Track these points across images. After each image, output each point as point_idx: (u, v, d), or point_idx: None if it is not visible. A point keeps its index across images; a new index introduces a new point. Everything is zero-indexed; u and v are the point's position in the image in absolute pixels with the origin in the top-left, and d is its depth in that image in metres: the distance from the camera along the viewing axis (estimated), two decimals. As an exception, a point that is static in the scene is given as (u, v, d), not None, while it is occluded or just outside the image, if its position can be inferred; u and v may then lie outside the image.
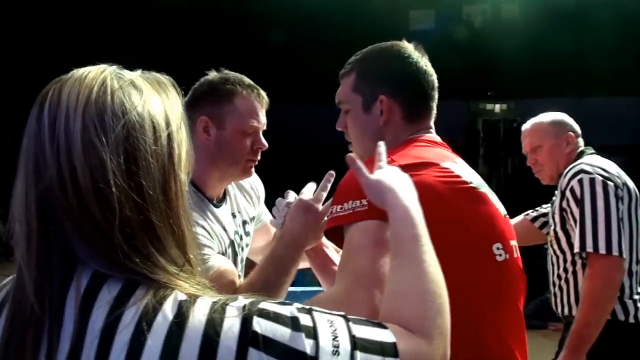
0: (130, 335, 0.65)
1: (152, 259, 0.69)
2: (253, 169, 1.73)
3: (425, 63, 1.40)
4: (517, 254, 1.35)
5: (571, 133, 2.52)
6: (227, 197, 1.77)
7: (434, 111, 1.42)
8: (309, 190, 1.57)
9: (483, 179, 1.37)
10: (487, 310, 1.25)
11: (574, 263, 2.35)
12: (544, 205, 2.70)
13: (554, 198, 2.51)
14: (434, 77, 1.41)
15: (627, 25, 12.23)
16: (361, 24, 11.73)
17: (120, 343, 0.65)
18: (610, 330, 2.21)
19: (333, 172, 1.55)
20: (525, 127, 2.61)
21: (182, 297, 0.68)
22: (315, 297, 1.13)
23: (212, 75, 1.67)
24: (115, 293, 0.68)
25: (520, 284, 1.34)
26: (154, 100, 0.74)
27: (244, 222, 1.81)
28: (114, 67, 0.76)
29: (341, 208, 1.15)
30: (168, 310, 0.66)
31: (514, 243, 1.33)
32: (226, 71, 1.69)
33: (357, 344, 0.68)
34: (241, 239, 1.79)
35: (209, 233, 1.61)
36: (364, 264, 1.06)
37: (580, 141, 2.55)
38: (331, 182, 1.55)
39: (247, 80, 1.66)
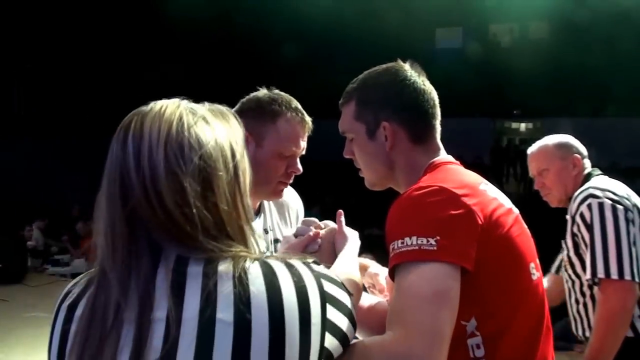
0: (231, 287, 0.79)
1: (225, 245, 0.84)
2: (284, 192, 1.70)
3: (423, 81, 1.35)
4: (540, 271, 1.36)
5: (577, 155, 2.48)
6: (262, 212, 1.77)
7: (439, 128, 1.39)
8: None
9: (509, 198, 1.36)
10: (533, 331, 1.25)
11: (590, 287, 2.31)
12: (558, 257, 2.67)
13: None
14: (434, 94, 1.38)
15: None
16: (388, 43, 11.77)
17: (224, 296, 0.78)
18: (631, 348, 2.18)
19: (341, 211, 1.42)
20: (530, 150, 2.56)
21: (255, 261, 0.84)
22: (363, 344, 1.01)
23: (262, 92, 1.66)
24: (202, 267, 0.81)
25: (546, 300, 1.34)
26: (222, 134, 0.88)
27: (276, 240, 1.80)
28: (186, 101, 0.89)
29: (402, 243, 1.09)
30: (253, 266, 0.82)
31: (537, 261, 1.34)
32: (276, 91, 1.68)
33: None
34: None
35: None
36: (426, 318, 1.01)
37: (587, 162, 2.50)
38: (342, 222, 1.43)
39: (295, 103, 1.65)
